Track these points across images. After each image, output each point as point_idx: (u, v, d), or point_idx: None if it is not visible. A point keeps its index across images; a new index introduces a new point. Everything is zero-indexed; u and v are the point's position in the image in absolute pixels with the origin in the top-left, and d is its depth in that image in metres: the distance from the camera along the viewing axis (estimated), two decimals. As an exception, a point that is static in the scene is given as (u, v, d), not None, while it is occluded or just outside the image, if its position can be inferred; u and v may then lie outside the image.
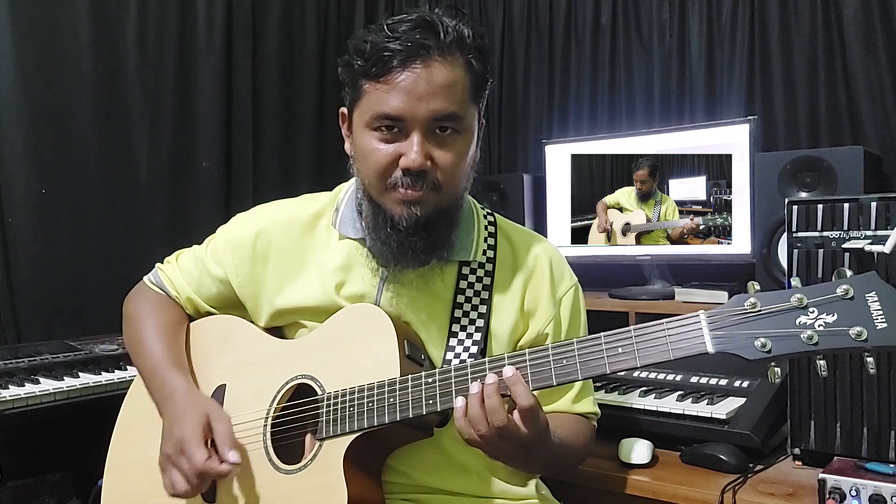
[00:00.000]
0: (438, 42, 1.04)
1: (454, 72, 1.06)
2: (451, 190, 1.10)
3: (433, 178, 1.07)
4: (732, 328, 0.88)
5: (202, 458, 1.05)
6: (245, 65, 2.47)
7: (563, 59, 2.56)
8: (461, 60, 1.07)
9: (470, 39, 1.08)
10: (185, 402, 1.14)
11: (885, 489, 1.15)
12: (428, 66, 1.04)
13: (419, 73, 1.04)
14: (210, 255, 1.29)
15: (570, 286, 1.24)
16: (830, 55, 2.02)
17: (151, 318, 1.29)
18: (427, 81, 1.04)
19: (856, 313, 0.84)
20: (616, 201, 2.15)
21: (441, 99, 1.05)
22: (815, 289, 0.87)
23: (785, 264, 1.43)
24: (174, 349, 1.25)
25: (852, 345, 0.84)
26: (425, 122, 1.05)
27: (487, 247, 1.21)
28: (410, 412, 1.02)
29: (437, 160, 1.07)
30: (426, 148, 1.06)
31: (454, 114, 1.06)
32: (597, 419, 1.28)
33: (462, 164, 1.10)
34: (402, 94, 1.04)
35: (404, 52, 1.03)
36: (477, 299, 1.17)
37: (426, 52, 1.04)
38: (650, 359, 0.92)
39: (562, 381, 0.96)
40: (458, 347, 1.15)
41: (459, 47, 1.07)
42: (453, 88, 1.06)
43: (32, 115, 2.00)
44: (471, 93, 1.09)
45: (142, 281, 1.39)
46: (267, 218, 1.27)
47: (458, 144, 1.09)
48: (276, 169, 2.57)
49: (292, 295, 1.22)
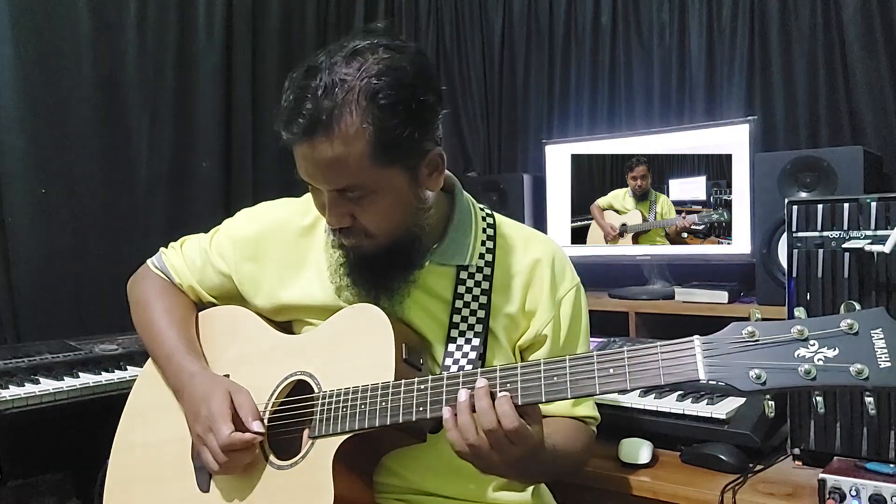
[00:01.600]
0: (322, 122, 0.98)
1: (344, 148, 0.99)
2: (388, 236, 1.08)
3: (358, 229, 1.07)
4: (727, 357, 0.85)
5: (228, 432, 1.07)
6: (245, 65, 2.47)
7: (563, 59, 2.56)
8: (356, 130, 0.98)
9: (371, 102, 0.98)
10: (205, 383, 1.16)
11: (885, 489, 1.15)
12: (313, 146, 1.00)
13: (307, 152, 1.01)
14: (214, 248, 1.31)
15: (571, 287, 1.22)
16: (830, 55, 2.02)
17: (160, 304, 1.31)
18: (314, 162, 1.01)
19: (859, 350, 0.80)
20: (608, 203, 2.15)
21: (331, 175, 1.02)
22: (817, 321, 0.83)
23: (785, 264, 1.43)
24: (186, 335, 1.27)
25: (852, 382, 0.79)
26: (328, 189, 1.04)
27: (486, 250, 1.19)
28: (401, 417, 1.02)
29: (358, 216, 1.05)
30: (341, 209, 1.05)
31: (349, 186, 1.02)
32: (596, 424, 1.26)
33: (388, 217, 1.06)
34: (305, 165, 1.03)
35: (296, 132, 1.00)
36: (475, 304, 1.16)
37: (311, 131, 0.98)
38: (641, 382, 0.89)
39: (550, 398, 0.94)
40: (456, 353, 1.14)
41: (358, 114, 0.98)
42: (342, 164, 1.00)
43: (32, 115, 1.99)
44: (372, 157, 1.00)
45: (145, 264, 1.40)
46: (270, 217, 1.28)
47: (376, 204, 1.04)
48: (276, 169, 2.56)
49: (295, 292, 1.23)
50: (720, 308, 1.84)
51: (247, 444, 1.08)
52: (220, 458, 1.08)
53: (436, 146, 1.08)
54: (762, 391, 0.83)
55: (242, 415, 1.10)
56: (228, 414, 1.09)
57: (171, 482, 1.20)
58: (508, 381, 0.96)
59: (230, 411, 1.10)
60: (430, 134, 1.06)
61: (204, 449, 1.11)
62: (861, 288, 1.30)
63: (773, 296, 1.72)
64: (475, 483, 1.17)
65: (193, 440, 1.16)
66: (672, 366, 0.87)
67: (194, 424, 1.14)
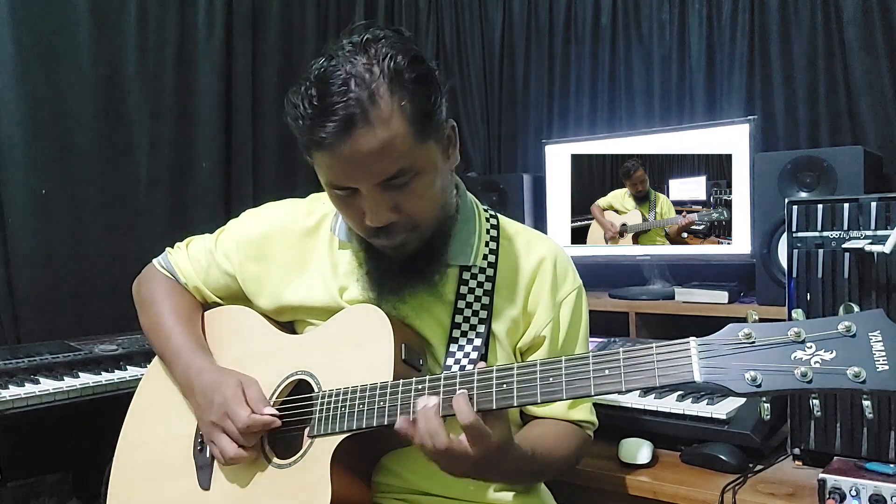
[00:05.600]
0: (363, 112, 0.96)
1: (388, 131, 0.98)
2: (430, 221, 1.09)
3: (405, 222, 1.06)
4: (723, 358, 0.84)
5: (246, 414, 1.08)
6: (245, 65, 2.47)
7: (563, 59, 2.57)
8: (393, 110, 0.98)
9: (397, 80, 0.98)
10: (215, 375, 1.18)
11: (885, 489, 1.15)
12: (354, 141, 0.97)
13: (347, 151, 0.98)
14: (219, 248, 1.32)
15: (573, 290, 1.22)
16: (830, 55, 2.02)
17: (167, 302, 1.32)
18: (358, 157, 0.98)
19: (856, 352, 0.79)
20: (609, 203, 2.15)
21: (379, 165, 0.99)
22: (815, 323, 0.82)
23: (785, 264, 1.43)
24: (193, 332, 1.28)
25: (849, 386, 0.78)
26: (374, 185, 1.02)
27: (489, 251, 1.19)
28: (398, 417, 1.01)
29: (402, 205, 1.04)
30: (385, 202, 1.03)
31: (399, 171, 1.01)
32: (593, 430, 1.25)
33: (431, 197, 1.07)
34: (344, 166, 1.00)
35: (332, 131, 0.97)
36: (478, 304, 1.16)
37: (349, 127, 0.96)
38: (636, 384, 0.88)
39: (546, 399, 0.93)
40: (458, 353, 1.14)
41: (390, 95, 0.98)
42: (389, 148, 0.98)
43: (32, 115, 1.99)
44: (415, 135, 1.00)
45: (151, 264, 1.40)
46: (274, 218, 1.29)
47: (420, 184, 1.04)
48: (276, 169, 2.57)
49: (297, 293, 1.23)
50: (720, 308, 1.84)
51: (266, 426, 1.10)
52: (240, 440, 1.09)
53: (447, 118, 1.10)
54: (758, 394, 0.82)
55: (253, 404, 1.11)
56: (243, 399, 1.11)
57: (173, 480, 1.21)
58: (505, 382, 0.95)
59: (244, 398, 1.11)
60: (445, 104, 1.07)
61: (221, 436, 1.11)
62: (861, 288, 1.29)
63: (773, 296, 1.72)
64: (474, 483, 1.16)
65: (205, 432, 1.16)
66: (668, 367, 0.87)
67: (208, 414, 1.14)
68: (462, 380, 0.99)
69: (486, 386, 0.96)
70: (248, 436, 1.10)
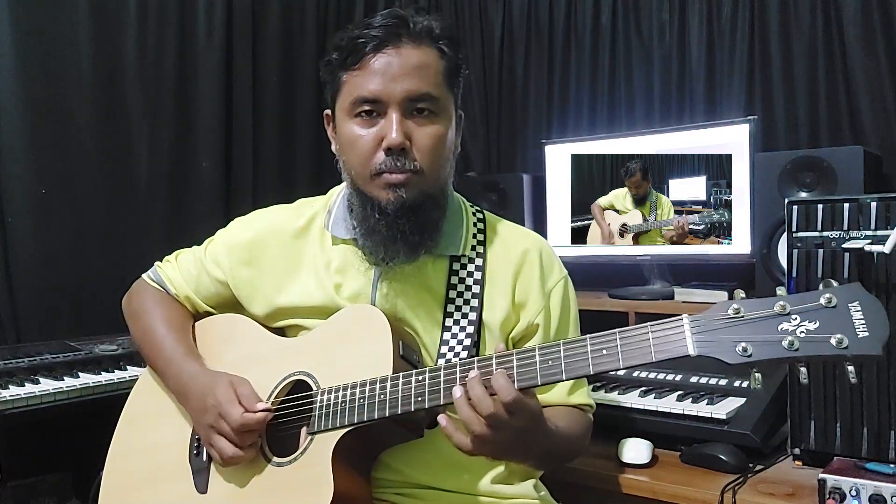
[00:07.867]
0: (409, 30, 1.11)
1: (426, 55, 1.13)
2: (433, 173, 1.14)
3: (414, 159, 1.11)
4: (715, 332, 0.89)
5: (239, 413, 1.09)
6: (245, 65, 2.47)
7: (563, 59, 2.56)
8: (432, 47, 1.14)
9: (439, 30, 1.14)
10: (207, 378, 1.19)
11: (885, 489, 1.15)
12: (399, 49, 1.11)
13: (391, 55, 1.10)
14: (209, 257, 1.32)
15: (560, 278, 1.26)
16: (830, 55, 2.02)
17: (157, 312, 1.32)
18: (400, 63, 1.10)
19: (838, 322, 0.84)
20: (610, 203, 2.15)
21: (414, 78, 1.10)
22: (798, 297, 0.88)
23: (785, 264, 1.43)
24: (184, 340, 1.29)
25: (833, 352, 0.83)
26: (402, 101, 1.10)
27: (477, 242, 1.23)
28: (399, 408, 1.03)
29: (416, 140, 1.12)
30: (405, 127, 1.11)
31: (429, 94, 1.11)
32: (592, 412, 1.29)
33: (441, 146, 1.14)
34: (377, 77, 1.10)
35: (377, 38, 1.10)
36: (469, 293, 1.19)
37: (397, 37, 1.11)
38: (633, 360, 0.93)
39: (546, 381, 0.97)
40: (451, 341, 1.17)
41: (429, 36, 1.13)
42: (426, 70, 1.12)
43: (32, 115, 1.99)
44: (445, 77, 1.14)
45: (140, 279, 1.41)
46: (263, 222, 1.30)
47: (436, 126, 1.13)
48: (276, 169, 2.57)
49: (293, 294, 1.24)
50: (720, 308, 1.84)
51: (260, 423, 1.10)
52: (236, 440, 1.10)
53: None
54: (749, 363, 0.87)
55: (245, 402, 1.11)
56: (235, 399, 1.12)
57: (169, 485, 1.20)
58: (504, 367, 0.98)
59: (237, 397, 1.12)
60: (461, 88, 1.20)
61: (217, 437, 1.12)
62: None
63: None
64: (472, 476, 1.19)
65: (202, 435, 1.17)
66: (663, 343, 0.91)
67: (202, 417, 1.15)
68: (462, 368, 1.01)
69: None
70: (244, 435, 1.10)
